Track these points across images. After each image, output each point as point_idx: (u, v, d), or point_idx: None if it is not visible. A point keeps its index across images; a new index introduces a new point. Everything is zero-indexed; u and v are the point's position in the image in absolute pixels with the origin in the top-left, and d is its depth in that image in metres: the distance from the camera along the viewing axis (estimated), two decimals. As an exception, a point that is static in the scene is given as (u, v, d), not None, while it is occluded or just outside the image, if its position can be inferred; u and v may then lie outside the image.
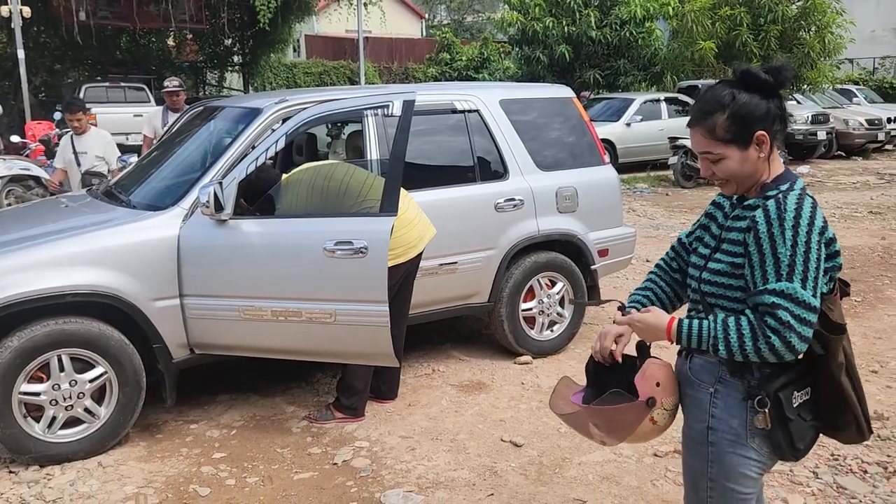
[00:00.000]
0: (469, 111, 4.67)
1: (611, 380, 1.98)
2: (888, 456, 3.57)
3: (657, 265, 2.19)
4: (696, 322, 1.84)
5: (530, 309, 4.87)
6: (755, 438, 1.83)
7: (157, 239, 3.69)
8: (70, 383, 3.55)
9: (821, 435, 1.94)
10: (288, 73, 23.54)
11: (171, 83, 7.17)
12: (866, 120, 17.47)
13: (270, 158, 3.77)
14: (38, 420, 3.54)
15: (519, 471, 3.52)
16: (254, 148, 3.79)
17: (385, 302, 3.49)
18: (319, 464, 3.62)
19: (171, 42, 22.16)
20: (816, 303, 1.72)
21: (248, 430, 3.99)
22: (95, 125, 14.36)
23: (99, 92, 16.04)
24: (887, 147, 18.59)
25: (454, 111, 4.64)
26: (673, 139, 13.30)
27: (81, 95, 15.59)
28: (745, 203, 1.87)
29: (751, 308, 1.79)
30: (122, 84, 16.60)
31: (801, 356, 1.80)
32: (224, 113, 4.51)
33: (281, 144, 3.65)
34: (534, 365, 4.81)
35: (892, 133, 18.28)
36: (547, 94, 5.14)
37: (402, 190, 3.62)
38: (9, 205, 10.14)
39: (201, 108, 4.94)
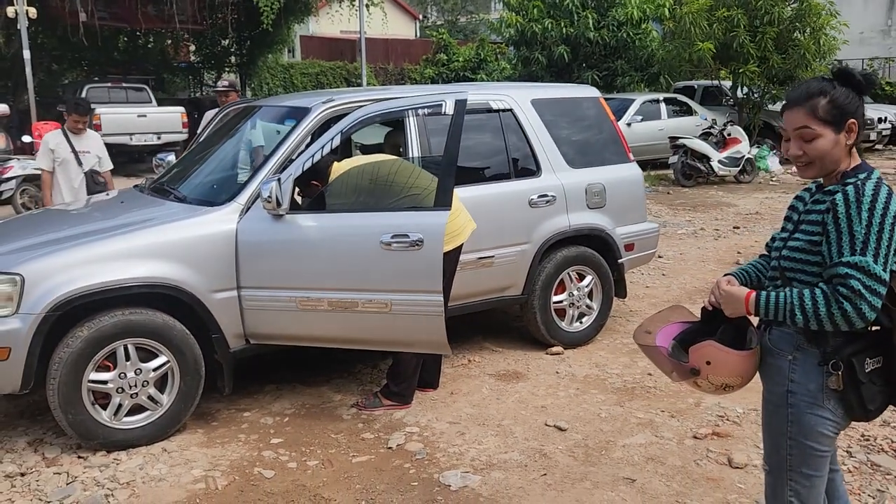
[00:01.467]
0: (503, 110, 4.85)
1: (722, 325, 2.19)
2: (915, 436, 3.77)
3: (761, 255, 2.40)
4: (772, 294, 2.04)
5: (561, 301, 5.05)
6: (830, 400, 2.03)
7: (217, 233, 3.84)
8: (135, 372, 3.70)
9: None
10: (285, 74, 23.60)
11: (221, 83, 7.17)
12: (858, 120, 17.76)
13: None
14: (104, 407, 3.68)
15: (567, 453, 3.70)
16: (308, 145, 3.94)
17: (440, 292, 3.66)
18: (374, 448, 3.78)
19: (168, 42, 22.18)
20: (886, 276, 1.92)
21: (300, 417, 4.15)
22: (99, 126, 14.50)
23: (101, 92, 16.05)
24: (878, 147, 18.95)
25: (490, 111, 4.81)
26: (673, 139, 13.52)
27: (84, 96, 15.65)
28: (826, 189, 2.07)
29: (825, 280, 1.99)
30: (124, 84, 16.64)
31: (871, 326, 2.00)
32: (269, 112, 4.66)
33: (336, 142, 3.80)
34: (566, 355, 4.99)
35: (884, 133, 18.64)
36: (576, 94, 5.33)
37: None
38: (23, 204, 10.23)
39: (242, 106, 5.08)
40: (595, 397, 4.34)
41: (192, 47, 23.21)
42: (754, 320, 2.20)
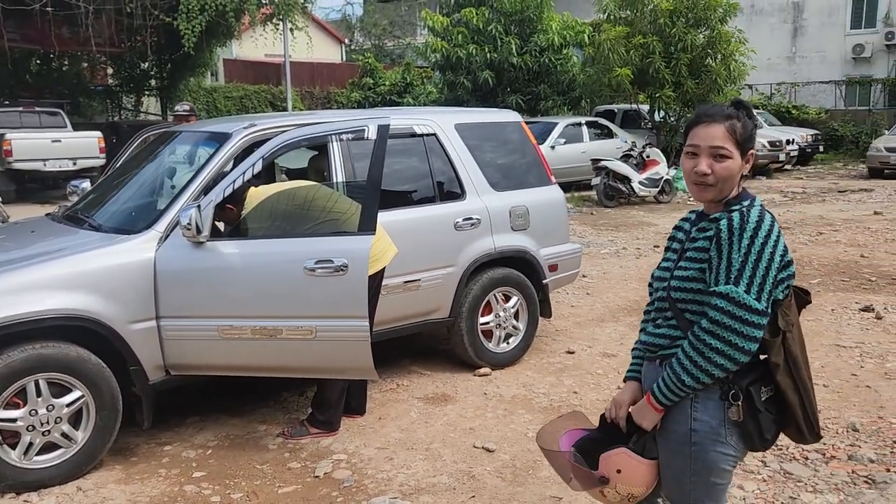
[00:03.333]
0: (427, 135, 4.89)
1: (620, 435, 2.13)
2: (824, 444, 3.94)
3: (643, 320, 2.30)
4: (659, 382, 2.03)
5: (488, 323, 5.10)
6: (732, 435, 2.01)
7: (134, 262, 3.72)
8: (47, 408, 3.54)
9: None
10: (208, 98, 23.20)
11: (182, 107, 6.99)
12: (768, 142, 18.67)
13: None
14: (13, 447, 3.50)
15: (495, 474, 3.72)
16: (228, 171, 3.88)
17: (366, 317, 3.64)
18: (301, 477, 3.72)
19: (84, 65, 21.53)
20: (759, 306, 1.90)
21: (223, 449, 4.04)
22: (10, 152, 13.92)
23: (12, 117, 15.40)
24: (787, 167, 19.91)
25: (413, 135, 4.85)
26: (595, 161, 13.88)
27: (-7, 119, 15.02)
28: (711, 217, 2.06)
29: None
30: (37, 109, 16.02)
31: (759, 355, 2.00)
32: (190, 137, 4.58)
33: (258, 168, 3.76)
34: (493, 376, 5.02)
35: (792, 154, 19.60)
36: (498, 119, 5.42)
37: None
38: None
39: (160, 132, 4.98)
40: (522, 417, 4.38)
41: (110, 70, 22.60)
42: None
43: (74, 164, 14.86)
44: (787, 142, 19.33)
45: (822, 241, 9.90)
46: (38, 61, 20.67)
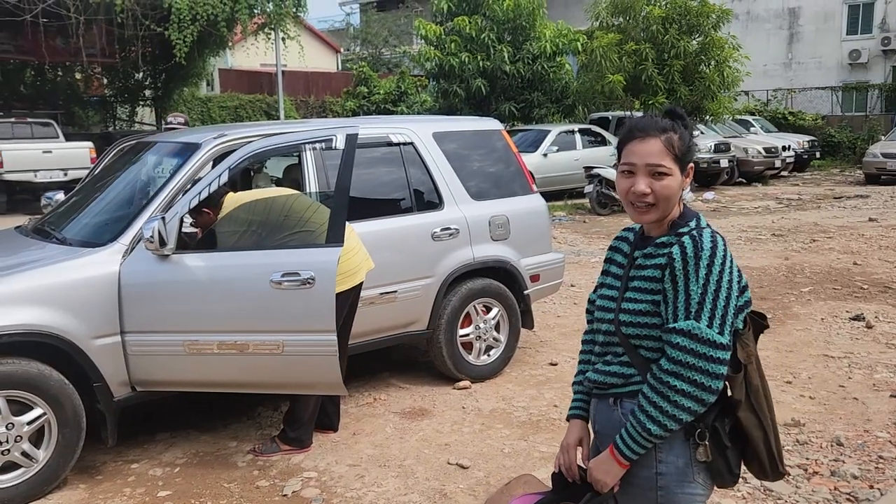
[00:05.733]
0: (404, 144, 4.81)
1: (576, 490, 1.96)
2: (807, 459, 3.85)
3: (582, 350, 2.15)
4: (622, 433, 1.85)
5: (467, 335, 5.00)
6: (700, 474, 1.86)
7: (98, 276, 3.64)
8: (7, 427, 3.45)
9: None
10: (202, 108, 23.17)
11: (176, 119, 6.89)
12: (764, 148, 18.64)
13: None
14: (-29, 467, 3.41)
15: (468, 492, 3.62)
16: (195, 182, 3.80)
17: (333, 331, 3.56)
18: (269, 496, 3.62)
19: (78, 76, 21.52)
20: (723, 340, 1.75)
21: (191, 466, 3.95)
22: (1, 163, 13.87)
23: (4, 128, 15.32)
24: (783, 173, 19.85)
25: (390, 144, 4.76)
26: (588, 168, 13.82)
27: (-14, 131, 14.96)
28: (658, 241, 1.89)
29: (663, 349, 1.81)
30: (29, 119, 15.98)
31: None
32: (161, 148, 4.50)
33: (224, 178, 3.68)
34: (473, 389, 4.93)
35: (788, 160, 19.54)
36: (477, 127, 5.34)
37: None
38: None
39: (133, 142, 4.90)
40: (500, 432, 4.29)
41: (105, 81, 22.59)
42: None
43: (65, 174, 14.79)
44: (784, 148, 19.30)
45: (815, 249, 9.81)
46: (32, 72, 20.69)
